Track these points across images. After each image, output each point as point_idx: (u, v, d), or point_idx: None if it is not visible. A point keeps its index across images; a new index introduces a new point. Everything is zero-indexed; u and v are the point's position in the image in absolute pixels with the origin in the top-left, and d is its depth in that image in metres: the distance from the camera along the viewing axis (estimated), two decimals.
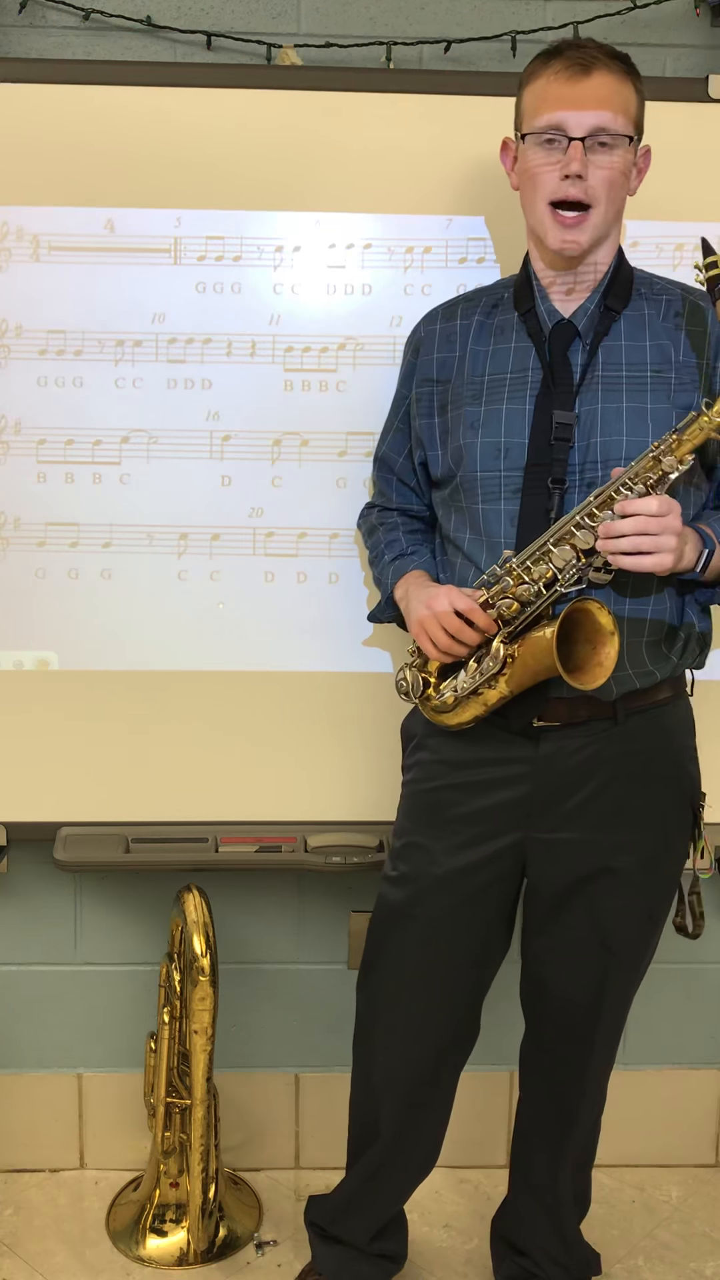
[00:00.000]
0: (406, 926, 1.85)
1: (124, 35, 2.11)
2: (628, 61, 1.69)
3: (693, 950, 2.41)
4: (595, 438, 1.70)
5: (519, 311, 1.77)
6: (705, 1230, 2.29)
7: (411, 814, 1.88)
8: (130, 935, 2.36)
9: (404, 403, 1.90)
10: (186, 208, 2.04)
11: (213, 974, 2.05)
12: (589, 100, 1.64)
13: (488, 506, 1.74)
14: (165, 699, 2.14)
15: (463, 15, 2.13)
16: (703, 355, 1.73)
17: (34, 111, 2.01)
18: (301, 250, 2.06)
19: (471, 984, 1.89)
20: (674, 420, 1.69)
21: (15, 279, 2.05)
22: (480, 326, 1.80)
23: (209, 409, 2.08)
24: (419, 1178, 2.02)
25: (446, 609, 1.68)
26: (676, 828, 1.83)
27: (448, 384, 1.80)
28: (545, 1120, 1.96)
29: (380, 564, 1.91)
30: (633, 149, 1.70)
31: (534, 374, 1.73)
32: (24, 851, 2.26)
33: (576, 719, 1.74)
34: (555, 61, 1.67)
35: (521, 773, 1.76)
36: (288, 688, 2.14)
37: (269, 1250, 2.20)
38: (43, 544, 2.10)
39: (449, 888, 1.82)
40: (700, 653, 1.81)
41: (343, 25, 2.13)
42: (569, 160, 1.64)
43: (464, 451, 1.75)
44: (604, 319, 1.74)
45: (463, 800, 1.80)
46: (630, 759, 1.77)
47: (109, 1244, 2.20)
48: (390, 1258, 2.06)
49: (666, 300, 1.77)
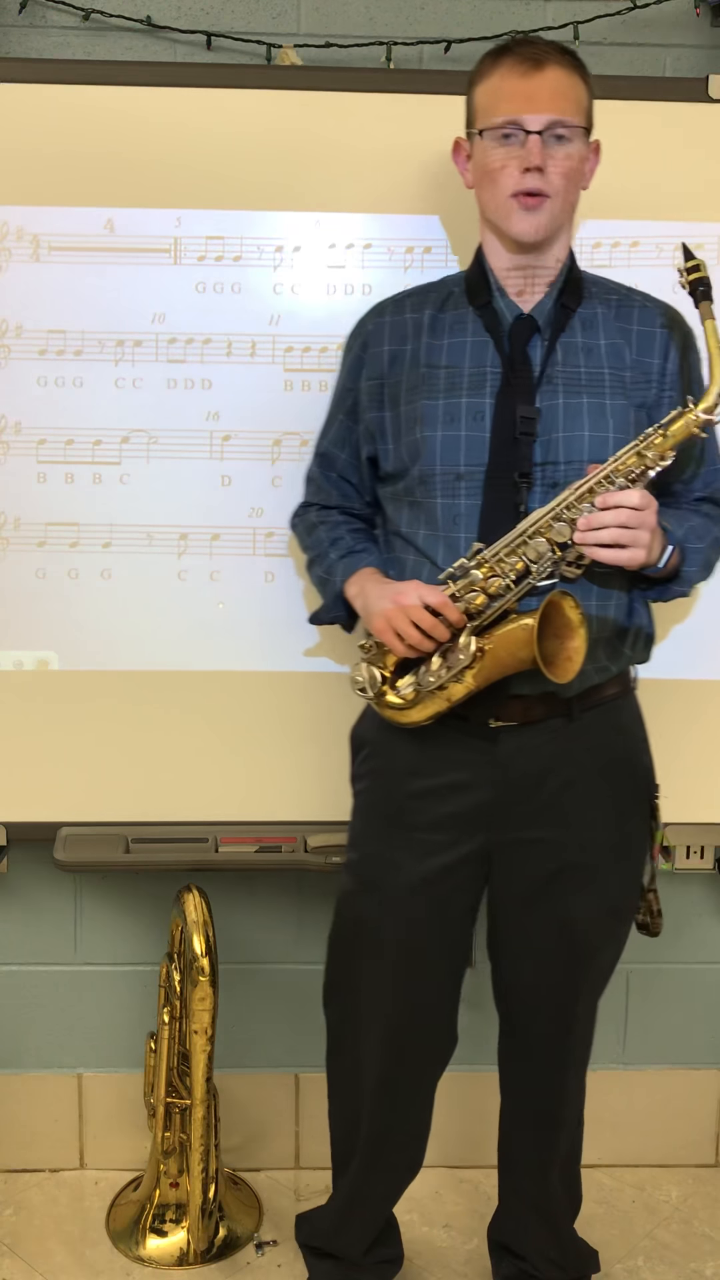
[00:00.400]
0: (376, 940, 1.84)
1: (124, 35, 2.11)
2: (576, 57, 1.70)
3: (693, 950, 2.41)
4: (557, 433, 1.70)
5: (474, 306, 1.77)
6: (705, 1230, 2.29)
7: (370, 824, 1.87)
8: (130, 935, 2.36)
9: (349, 396, 1.86)
10: (186, 208, 2.04)
11: (213, 974, 2.05)
12: (544, 95, 1.65)
13: (446, 501, 1.73)
14: (165, 699, 2.14)
15: (463, 15, 2.13)
16: (652, 356, 1.75)
17: (34, 111, 2.01)
18: (301, 250, 2.06)
19: (446, 991, 1.89)
20: (631, 418, 1.71)
21: (15, 279, 2.05)
22: (433, 320, 1.78)
23: (209, 409, 2.08)
24: (404, 1183, 2.02)
25: (416, 603, 1.66)
26: (635, 821, 1.84)
27: (400, 377, 1.78)
28: (526, 1121, 1.96)
29: (325, 562, 1.86)
30: (586, 142, 1.71)
31: (493, 368, 1.73)
32: (24, 851, 2.26)
33: (533, 718, 1.74)
34: (507, 58, 1.68)
35: (481, 776, 1.76)
36: (288, 688, 2.14)
37: (269, 1250, 2.20)
38: (43, 544, 2.10)
39: (417, 898, 1.81)
40: (646, 649, 1.83)
41: (343, 25, 2.13)
42: (529, 154, 1.65)
43: (421, 446, 1.74)
44: (561, 316, 1.74)
45: (424, 808, 1.79)
46: (587, 754, 1.77)
47: (109, 1244, 2.20)
48: (389, 1261, 2.06)
49: (616, 301, 1.78)
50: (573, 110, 1.67)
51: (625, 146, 2.04)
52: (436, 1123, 2.00)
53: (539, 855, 1.79)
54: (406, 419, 1.76)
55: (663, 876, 2.37)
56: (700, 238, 2.07)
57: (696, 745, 2.18)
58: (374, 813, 1.86)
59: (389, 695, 1.74)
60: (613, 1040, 2.44)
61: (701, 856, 2.22)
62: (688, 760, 2.18)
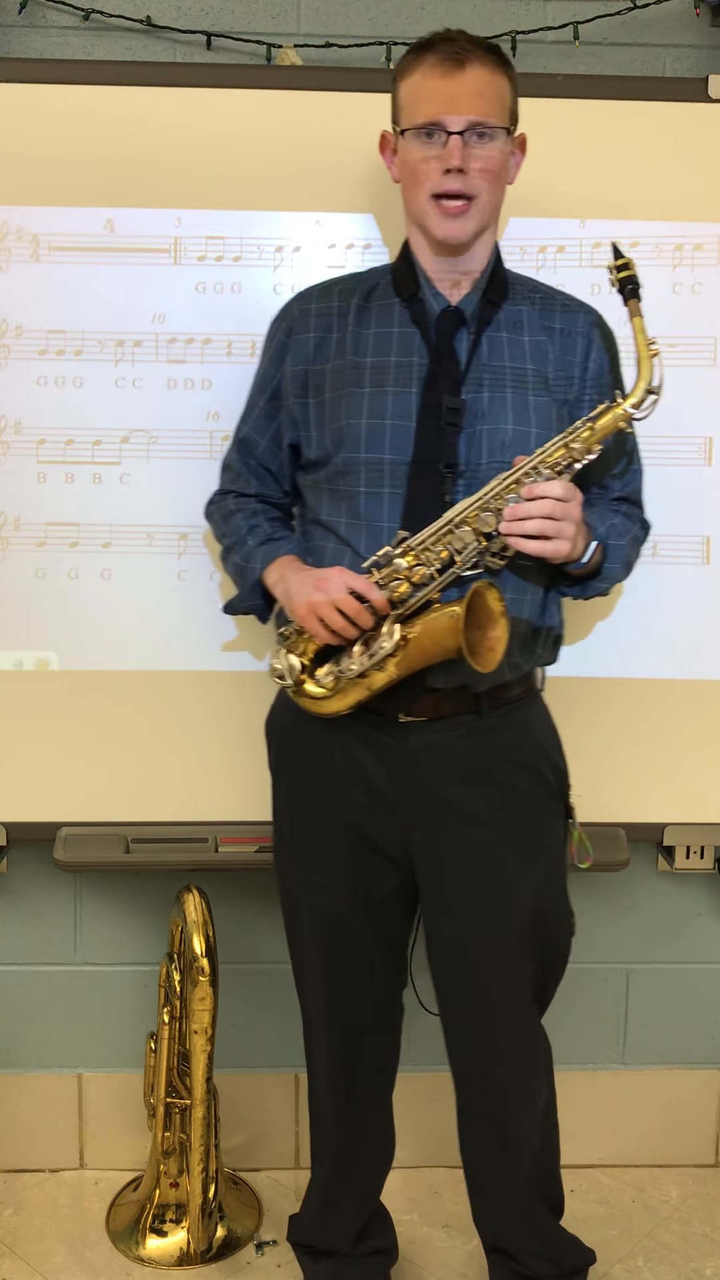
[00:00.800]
0: (304, 929, 1.88)
1: (124, 35, 2.11)
2: (499, 53, 1.71)
3: (693, 950, 2.41)
4: (481, 425, 1.71)
5: (401, 298, 1.77)
6: (705, 1230, 2.29)
7: (288, 816, 1.88)
8: (130, 935, 2.36)
9: (272, 381, 1.85)
10: (186, 208, 2.04)
11: (213, 974, 2.05)
12: (465, 94, 1.66)
13: (370, 490, 1.73)
14: (165, 699, 2.14)
15: (463, 15, 2.13)
16: (574, 356, 1.76)
17: (34, 111, 2.01)
18: (301, 250, 2.06)
19: (381, 982, 1.89)
20: (553, 414, 1.73)
21: (15, 279, 2.05)
22: (360, 310, 1.79)
23: (209, 409, 2.08)
24: (378, 1174, 2.02)
25: (341, 589, 1.66)
26: (549, 820, 1.84)
27: (325, 365, 1.78)
28: (479, 1135, 1.93)
29: (243, 549, 1.84)
30: (510, 139, 1.72)
31: (419, 360, 1.74)
32: (24, 851, 2.26)
33: (443, 713, 1.74)
34: (429, 56, 1.68)
35: (391, 771, 1.76)
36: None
37: (269, 1250, 2.20)
38: (43, 544, 2.10)
39: (337, 886, 1.82)
40: (555, 649, 1.85)
41: (343, 25, 2.13)
42: (449, 154, 1.66)
43: (346, 434, 1.74)
44: (487, 310, 1.75)
45: (335, 800, 1.80)
46: (497, 753, 1.77)
47: (109, 1244, 2.20)
48: (380, 1252, 2.06)
49: (540, 299, 1.79)
50: (494, 110, 1.67)
51: (625, 147, 2.05)
52: (435, 1122, 2.01)
53: (449, 853, 1.78)
54: (331, 407, 1.76)
55: (663, 876, 2.37)
56: (700, 238, 2.07)
57: (696, 746, 2.19)
58: (290, 805, 1.88)
59: (308, 684, 1.74)
60: (613, 1040, 2.44)
61: (701, 856, 2.22)
62: (688, 761, 2.19)
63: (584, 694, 2.15)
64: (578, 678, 2.15)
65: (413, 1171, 2.36)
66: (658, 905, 2.39)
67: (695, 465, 2.12)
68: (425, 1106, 2.28)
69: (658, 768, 2.19)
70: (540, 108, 2.01)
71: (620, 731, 2.17)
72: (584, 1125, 2.43)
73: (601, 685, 2.16)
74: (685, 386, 2.09)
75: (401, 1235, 2.13)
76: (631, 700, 2.17)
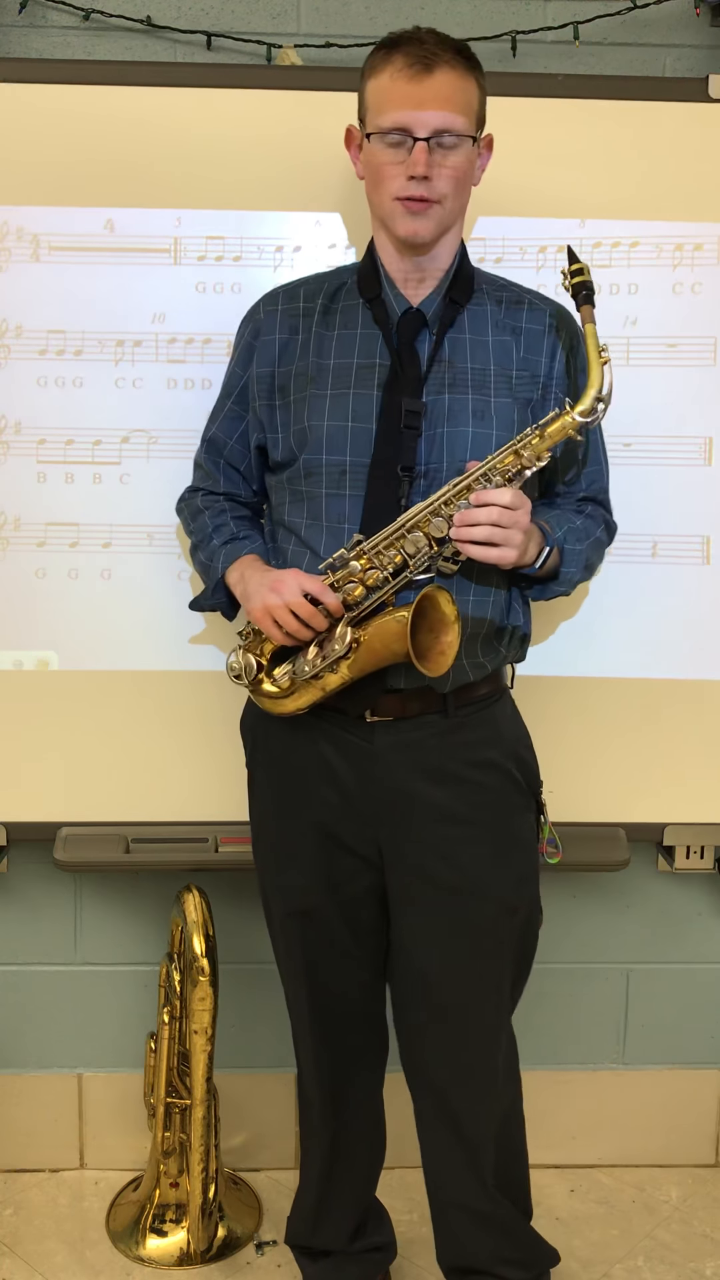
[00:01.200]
0: (281, 923, 1.88)
1: (124, 35, 2.11)
2: (468, 54, 1.70)
3: (693, 950, 2.41)
4: (442, 428, 1.71)
5: (364, 298, 1.77)
6: (705, 1230, 2.29)
7: (262, 812, 1.89)
8: (130, 935, 2.36)
9: (239, 382, 1.85)
10: (186, 208, 2.05)
11: (213, 974, 2.05)
12: (431, 101, 1.65)
13: (331, 492, 1.73)
14: (165, 699, 2.14)
15: (463, 15, 2.13)
16: (539, 355, 1.75)
17: (34, 111, 2.01)
18: (301, 250, 2.06)
19: (361, 974, 1.88)
20: (516, 416, 1.72)
21: (15, 279, 2.05)
22: (325, 311, 1.79)
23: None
24: (373, 1166, 2.02)
25: (295, 591, 1.66)
26: (520, 816, 1.83)
27: (290, 367, 1.78)
28: (439, 1138, 1.89)
29: (208, 548, 1.85)
30: (476, 145, 1.71)
31: (381, 361, 1.74)
32: (24, 851, 2.26)
33: (409, 713, 1.75)
34: (397, 57, 1.67)
35: (358, 770, 1.76)
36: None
37: (269, 1250, 2.20)
38: (43, 544, 2.10)
39: (309, 882, 1.82)
40: (522, 648, 1.84)
41: (343, 25, 2.13)
42: (414, 162, 1.65)
43: (308, 435, 1.74)
44: (449, 311, 1.75)
45: (307, 799, 1.80)
46: (464, 751, 1.77)
47: (109, 1244, 2.20)
48: (378, 1249, 2.05)
49: (506, 298, 1.78)
50: (461, 114, 1.66)
51: (625, 147, 2.05)
52: None
53: (418, 851, 1.78)
54: (295, 409, 1.76)
55: (663, 876, 2.37)
56: (700, 238, 2.07)
57: (697, 746, 2.19)
58: (263, 803, 1.88)
59: (265, 684, 1.75)
60: (613, 1040, 2.44)
61: (701, 856, 2.22)
62: (688, 761, 2.19)
63: (584, 694, 2.15)
64: (577, 677, 2.15)
65: (413, 1171, 2.35)
66: (658, 905, 2.39)
67: (695, 465, 2.12)
68: None
69: (658, 768, 2.19)
70: (540, 108, 2.02)
71: (620, 731, 2.17)
72: (584, 1125, 2.43)
73: (601, 685, 2.16)
74: (685, 386, 2.09)
75: (401, 1235, 2.14)
76: (632, 700, 2.17)
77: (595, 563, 1.85)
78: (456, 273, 1.77)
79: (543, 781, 1.88)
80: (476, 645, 1.74)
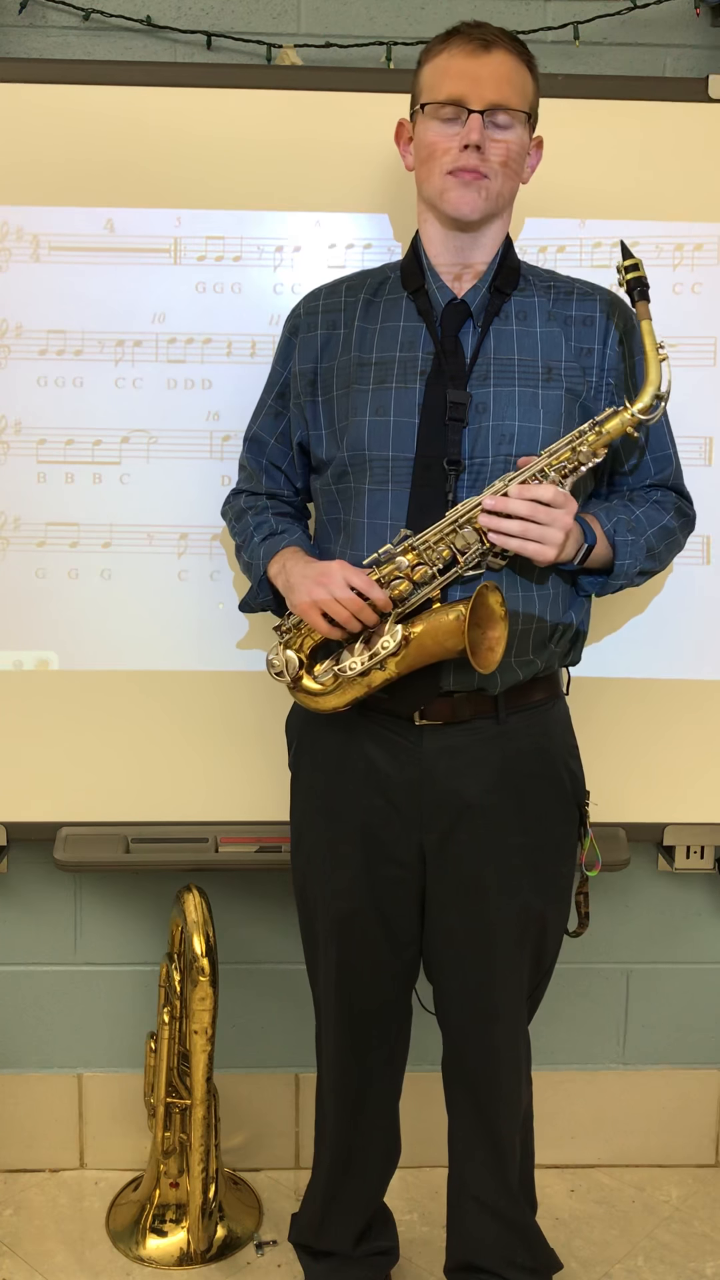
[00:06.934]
0: (318, 926, 1.86)
1: (124, 35, 2.11)
2: (525, 49, 1.71)
3: (693, 950, 2.42)
4: (488, 421, 1.69)
5: (408, 291, 1.76)
6: (705, 1230, 2.29)
7: (305, 814, 1.87)
8: (130, 935, 2.36)
9: (280, 381, 1.84)
10: (186, 208, 2.05)
11: (213, 974, 2.05)
12: (488, 76, 1.65)
13: (375, 487, 1.71)
14: (165, 699, 2.14)
15: (462, 15, 2.12)
16: (591, 344, 1.73)
17: (34, 111, 2.01)
18: (301, 250, 2.06)
19: (395, 979, 1.87)
20: (564, 408, 1.70)
21: (15, 279, 2.05)
22: (366, 305, 1.77)
23: (209, 409, 2.08)
24: (385, 1173, 2.01)
25: (342, 586, 1.64)
26: (563, 827, 1.82)
27: (332, 363, 1.77)
28: (471, 1134, 1.90)
29: (250, 547, 1.83)
30: (528, 131, 1.71)
31: (425, 354, 1.72)
32: (24, 851, 2.27)
33: (460, 717, 1.73)
34: (455, 39, 1.68)
35: (406, 774, 1.74)
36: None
37: (269, 1250, 2.20)
38: (43, 544, 2.10)
39: (352, 887, 1.80)
40: (575, 647, 1.81)
41: (343, 25, 2.13)
42: (468, 130, 1.65)
43: (352, 431, 1.72)
44: (495, 301, 1.73)
45: (352, 802, 1.78)
46: (514, 759, 1.75)
47: (109, 1244, 2.20)
48: (382, 1253, 2.05)
49: (554, 289, 1.77)
50: (516, 97, 1.67)
51: (625, 147, 2.05)
52: (435, 1122, 2.00)
53: (462, 857, 1.76)
54: (339, 405, 1.75)
55: (663, 876, 2.38)
56: (700, 238, 2.08)
57: (697, 746, 2.19)
58: (307, 803, 1.86)
59: (306, 680, 1.73)
60: (613, 1040, 2.44)
61: (702, 856, 2.22)
62: (688, 760, 2.19)
63: (583, 693, 2.15)
64: (577, 677, 2.14)
65: (413, 1171, 2.36)
66: (658, 905, 2.40)
67: (695, 465, 2.12)
68: (425, 1107, 2.27)
69: (658, 768, 2.19)
70: (540, 108, 2.01)
71: (620, 731, 2.17)
72: (584, 1125, 2.43)
73: (601, 685, 2.16)
74: (685, 386, 2.08)
75: (402, 1235, 2.14)
76: (631, 700, 2.17)
77: (662, 552, 1.80)
78: (501, 264, 1.75)
79: (589, 792, 1.86)
80: (527, 643, 1.71)
